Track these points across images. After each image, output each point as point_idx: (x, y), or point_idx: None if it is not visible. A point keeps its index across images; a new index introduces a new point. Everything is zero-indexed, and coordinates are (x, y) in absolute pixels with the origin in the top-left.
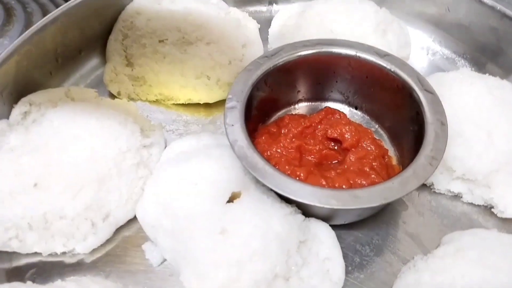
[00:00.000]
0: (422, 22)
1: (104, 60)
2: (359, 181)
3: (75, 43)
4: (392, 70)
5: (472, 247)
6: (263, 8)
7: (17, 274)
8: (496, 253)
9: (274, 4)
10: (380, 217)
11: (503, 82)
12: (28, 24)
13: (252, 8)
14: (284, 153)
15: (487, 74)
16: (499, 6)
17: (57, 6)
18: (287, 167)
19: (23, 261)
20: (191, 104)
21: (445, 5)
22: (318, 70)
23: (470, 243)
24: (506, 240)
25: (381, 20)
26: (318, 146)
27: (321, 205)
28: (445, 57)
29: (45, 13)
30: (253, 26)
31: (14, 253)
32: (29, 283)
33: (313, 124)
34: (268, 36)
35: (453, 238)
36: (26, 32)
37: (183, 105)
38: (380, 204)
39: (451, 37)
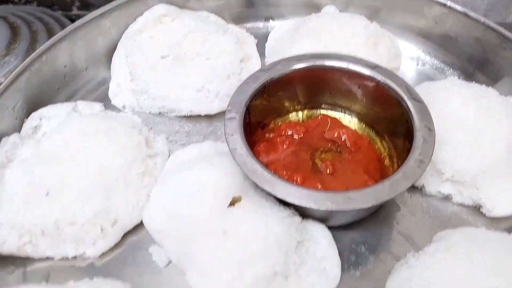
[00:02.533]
0: (412, 34)
1: (109, 75)
2: (354, 184)
3: (81, 61)
4: (382, 81)
5: (461, 244)
6: (260, 24)
7: (33, 277)
8: (483, 250)
9: (270, 20)
10: (375, 218)
11: (488, 90)
12: (33, 42)
13: (249, 25)
14: (281, 159)
15: (473, 82)
16: (483, 19)
17: (60, 23)
18: (284, 172)
19: (37, 265)
20: (193, 115)
21: (433, 18)
22: (313, 82)
23: (460, 241)
24: (493, 238)
25: (372, 34)
26: (313, 151)
27: (317, 207)
28: (434, 67)
29: (49, 31)
30: (250, 42)
31: (28, 258)
32: (43, 284)
33: (309, 129)
34: (265, 51)
35: (444, 236)
36: (37, 51)
37: (185, 116)
38: (372, 205)
39: (440, 48)
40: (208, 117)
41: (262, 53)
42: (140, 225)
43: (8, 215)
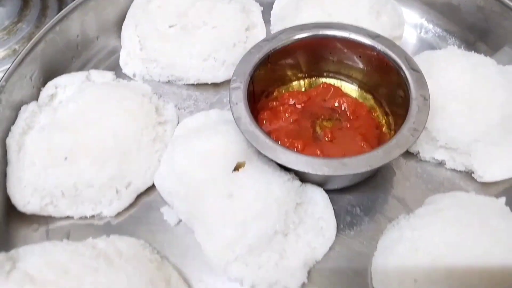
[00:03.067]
0: (415, 2)
1: (119, 44)
2: (351, 151)
3: (92, 30)
4: (382, 50)
5: (450, 207)
6: None
7: (55, 234)
8: (471, 213)
9: None
10: (371, 182)
11: (486, 59)
12: (43, 8)
13: None
14: (283, 126)
15: (472, 52)
16: None
17: None
18: (286, 139)
19: (58, 224)
20: (200, 84)
21: None
22: (315, 51)
23: (449, 204)
24: (481, 202)
25: (375, 2)
26: (315, 119)
27: (314, 172)
28: (437, 35)
29: None
30: (256, 9)
31: (50, 217)
32: (64, 241)
33: (311, 98)
34: (271, 18)
35: (435, 200)
36: (50, 21)
37: (192, 85)
38: (365, 170)
39: (442, 16)
40: (215, 85)
41: (267, 20)
42: (152, 187)
43: (30, 178)
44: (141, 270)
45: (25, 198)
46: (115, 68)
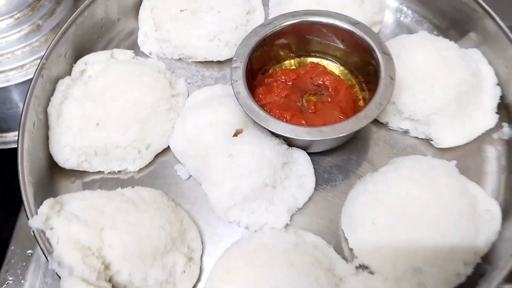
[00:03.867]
0: None
1: (137, 26)
2: (330, 121)
3: (114, 14)
4: (360, 35)
5: (407, 167)
6: None
7: (89, 186)
8: (423, 172)
9: None
10: (346, 147)
11: (450, 44)
12: None
13: None
14: (276, 100)
15: (440, 37)
16: None
17: None
18: (277, 111)
19: (91, 177)
20: (207, 61)
21: None
22: (304, 34)
23: (407, 164)
24: (433, 163)
25: None
26: (302, 94)
27: (297, 138)
28: (414, 20)
29: None
30: None
31: (84, 172)
32: (98, 190)
33: (299, 76)
34: (269, 3)
35: (396, 161)
36: (79, 8)
37: (200, 62)
38: (337, 136)
39: (420, 3)
40: (219, 63)
41: (266, 5)
42: (167, 148)
43: (68, 140)
44: (161, 212)
45: (64, 156)
46: (134, 47)
